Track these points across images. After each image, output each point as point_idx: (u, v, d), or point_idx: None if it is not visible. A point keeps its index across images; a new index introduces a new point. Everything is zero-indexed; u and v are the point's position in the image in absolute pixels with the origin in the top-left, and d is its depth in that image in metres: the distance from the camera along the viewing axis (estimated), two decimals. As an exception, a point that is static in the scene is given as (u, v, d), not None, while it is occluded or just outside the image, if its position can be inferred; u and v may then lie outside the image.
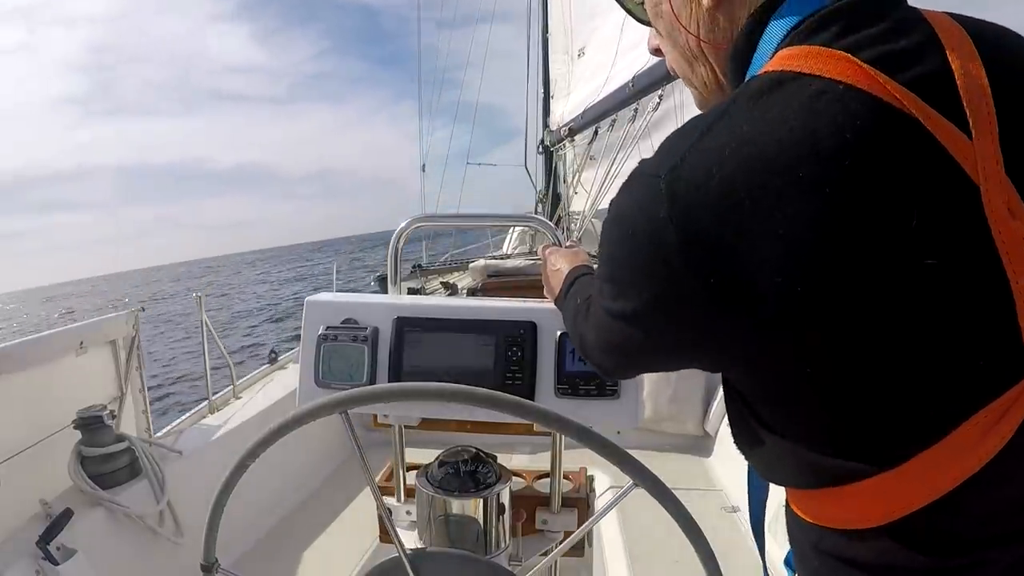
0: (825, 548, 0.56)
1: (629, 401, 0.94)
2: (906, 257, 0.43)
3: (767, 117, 0.45)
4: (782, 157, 0.43)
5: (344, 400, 0.64)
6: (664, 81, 2.66)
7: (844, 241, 0.42)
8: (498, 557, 1.00)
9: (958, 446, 0.46)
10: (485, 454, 1.05)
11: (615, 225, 0.53)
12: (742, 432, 0.60)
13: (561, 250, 0.99)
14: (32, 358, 1.79)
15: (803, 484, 0.56)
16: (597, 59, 4.00)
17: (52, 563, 1.54)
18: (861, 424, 0.49)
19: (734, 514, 2.48)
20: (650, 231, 0.48)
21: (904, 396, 0.46)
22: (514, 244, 5.78)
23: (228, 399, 2.72)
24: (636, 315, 0.54)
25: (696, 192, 0.46)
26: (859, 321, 0.44)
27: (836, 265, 0.43)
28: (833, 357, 0.46)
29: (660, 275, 0.49)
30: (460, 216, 1.62)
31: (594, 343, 0.67)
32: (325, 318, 1.00)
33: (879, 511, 0.50)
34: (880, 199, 0.42)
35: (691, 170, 0.46)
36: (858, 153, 0.42)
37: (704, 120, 0.49)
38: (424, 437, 1.47)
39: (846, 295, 0.43)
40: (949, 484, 0.47)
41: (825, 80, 0.44)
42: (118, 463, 1.88)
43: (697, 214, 0.46)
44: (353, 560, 2.18)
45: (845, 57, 0.45)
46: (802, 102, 0.44)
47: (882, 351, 0.45)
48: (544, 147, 6.04)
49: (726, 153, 0.45)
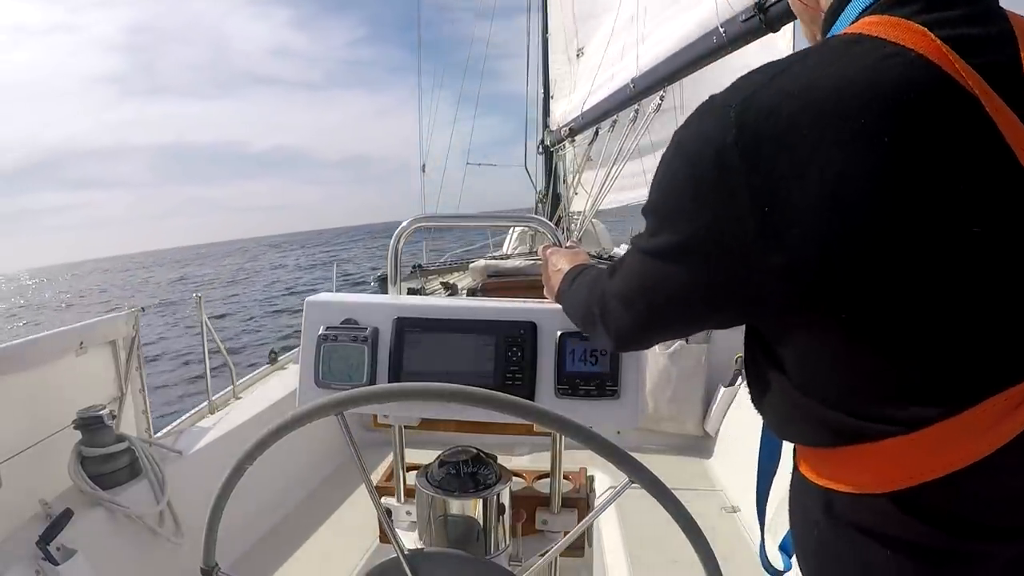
0: (833, 513, 0.57)
1: (629, 401, 0.94)
2: (951, 219, 0.45)
3: (839, 67, 0.48)
4: (848, 104, 0.46)
5: (343, 401, 0.64)
6: (665, 82, 2.65)
7: (893, 191, 0.45)
8: (498, 557, 1.00)
9: (973, 424, 0.48)
10: (485, 454, 1.05)
11: (677, 153, 0.55)
12: (760, 388, 0.62)
13: (562, 250, 0.99)
14: (32, 358, 1.79)
15: (820, 442, 0.57)
16: (596, 59, 4.00)
17: (52, 563, 1.54)
18: (887, 382, 0.50)
19: (734, 514, 2.48)
20: (715, 156, 0.50)
21: (934, 359, 0.48)
22: (514, 244, 5.78)
23: (228, 399, 2.72)
24: (679, 249, 0.55)
25: (764, 123, 0.48)
26: (899, 269, 0.46)
27: (883, 212, 0.45)
28: (869, 305, 0.48)
29: (717, 200, 0.50)
30: (460, 216, 1.62)
31: (618, 295, 0.67)
32: (325, 318, 1.00)
33: (891, 476, 0.51)
34: (931, 160, 0.45)
35: (761, 103, 0.49)
36: (917, 114, 0.45)
37: (779, 64, 0.52)
38: (424, 437, 1.47)
39: (888, 243, 0.45)
40: (960, 462, 0.48)
41: (899, 46, 0.47)
42: (118, 463, 1.88)
43: (762, 144, 0.48)
44: (353, 560, 2.18)
45: (921, 30, 0.47)
46: (874, 60, 0.47)
47: (919, 309, 0.47)
48: (544, 147, 6.04)
49: (796, 93, 0.48)
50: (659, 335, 0.71)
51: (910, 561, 0.53)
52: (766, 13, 1.71)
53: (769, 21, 1.72)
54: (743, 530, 2.35)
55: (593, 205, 4.19)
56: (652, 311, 0.63)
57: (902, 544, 0.53)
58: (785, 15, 1.68)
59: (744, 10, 1.81)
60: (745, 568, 2.09)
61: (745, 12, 1.81)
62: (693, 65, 2.33)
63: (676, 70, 2.47)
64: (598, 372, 0.93)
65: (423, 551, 0.90)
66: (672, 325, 0.66)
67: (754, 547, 2.30)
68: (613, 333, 0.70)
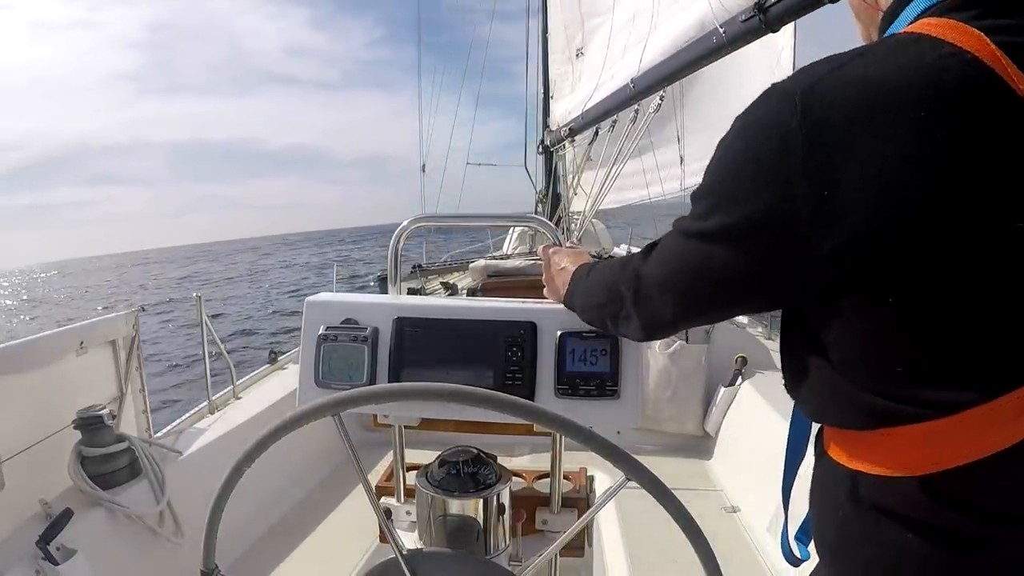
0: (858, 496, 0.59)
1: (629, 401, 0.94)
2: (997, 213, 0.48)
3: (899, 63, 0.51)
4: (905, 97, 0.49)
5: (343, 401, 0.64)
6: (664, 82, 2.65)
7: (944, 183, 0.48)
8: (498, 557, 1.00)
9: (1004, 412, 0.51)
10: (485, 454, 1.05)
11: (739, 136, 0.57)
12: (797, 373, 0.64)
13: (564, 250, 1.00)
14: (32, 358, 1.79)
15: (856, 424, 0.59)
16: (596, 59, 4.00)
17: (52, 563, 1.54)
18: (927, 365, 0.53)
19: (734, 514, 2.48)
20: (778, 138, 0.52)
21: (973, 345, 0.51)
22: (514, 244, 5.78)
23: (228, 399, 2.72)
24: (732, 230, 0.57)
25: (827, 110, 0.51)
26: (947, 257, 0.49)
27: (934, 201, 0.48)
28: (916, 290, 0.50)
29: (777, 183, 0.53)
30: (460, 216, 1.62)
31: (654, 277, 0.67)
32: (325, 318, 1.00)
33: (922, 459, 0.54)
34: (980, 156, 0.47)
35: (825, 92, 0.52)
36: (970, 112, 0.48)
37: (840, 57, 0.54)
38: (424, 437, 1.47)
39: (938, 232, 0.48)
40: (990, 448, 0.51)
41: (956, 47, 0.50)
42: (118, 463, 1.88)
43: (824, 129, 0.50)
44: (353, 560, 2.18)
45: (978, 35, 0.50)
46: (932, 58, 0.50)
47: (962, 296, 0.50)
48: (544, 147, 6.03)
49: (857, 84, 0.51)
50: (694, 319, 0.71)
51: (932, 546, 0.55)
52: (766, 13, 1.71)
53: (769, 21, 1.72)
54: (743, 530, 2.35)
55: (593, 205, 4.19)
56: (693, 294, 0.64)
57: (925, 529, 0.55)
58: (785, 15, 1.68)
59: (744, 10, 1.81)
60: (745, 568, 2.09)
61: (745, 12, 1.81)
62: (693, 65, 2.33)
63: (676, 70, 2.47)
64: (598, 372, 0.93)
65: (422, 551, 0.90)
66: (710, 309, 0.67)
67: (754, 547, 2.30)
68: (646, 317, 0.70)
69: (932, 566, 0.55)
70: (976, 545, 0.54)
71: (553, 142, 5.45)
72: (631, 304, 0.71)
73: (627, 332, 0.77)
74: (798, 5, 1.61)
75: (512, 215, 1.74)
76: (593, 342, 0.94)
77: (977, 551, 0.54)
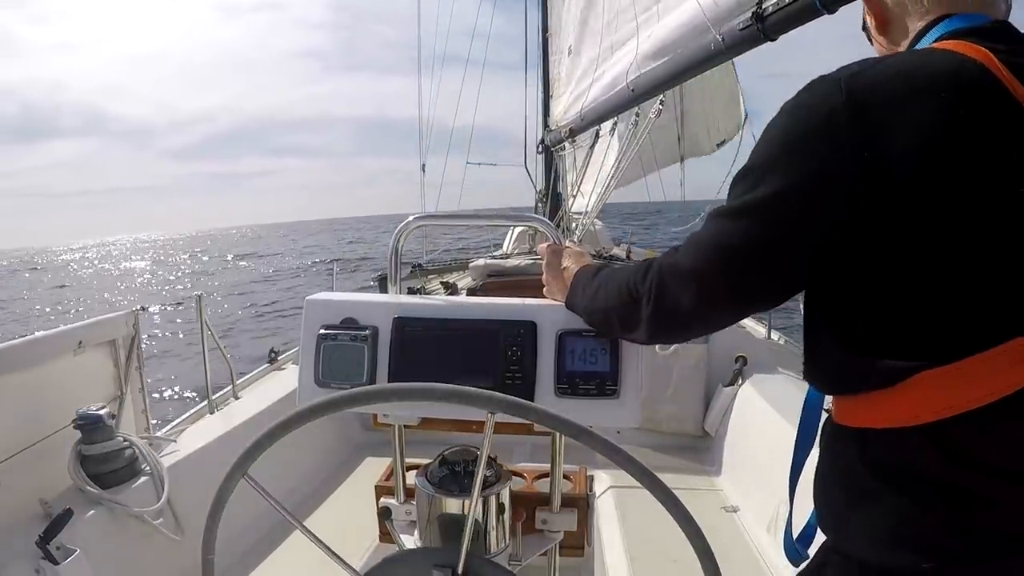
0: (867, 452, 0.64)
1: (629, 401, 0.94)
2: (1006, 179, 0.58)
3: (926, 62, 0.63)
4: (933, 82, 0.60)
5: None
6: (664, 86, 2.65)
7: (963, 152, 0.58)
8: (498, 557, 1.00)
9: (999, 361, 0.57)
10: (485, 454, 1.05)
11: (787, 114, 0.65)
12: (815, 347, 0.70)
13: (565, 249, 1.00)
14: (31, 358, 1.79)
15: (868, 387, 0.63)
16: (596, 60, 4.00)
17: (52, 563, 1.53)
18: (935, 318, 0.59)
19: (733, 514, 2.48)
20: (827, 113, 0.61)
21: (977, 297, 0.58)
22: (514, 244, 5.78)
23: (228, 399, 2.72)
24: (775, 197, 0.63)
25: (868, 92, 0.61)
26: (964, 215, 0.57)
27: (955, 166, 0.58)
28: (939, 242, 0.58)
29: (824, 149, 0.61)
30: (460, 216, 1.62)
31: (684, 263, 0.69)
32: (325, 318, 1.00)
33: (924, 406, 0.59)
34: (992, 134, 0.59)
35: (866, 78, 0.62)
36: (984, 100, 0.59)
37: (875, 58, 0.68)
38: (424, 437, 1.47)
39: (958, 193, 0.58)
40: (984, 396, 0.57)
41: (969, 57, 0.61)
42: (118, 462, 1.88)
43: (866, 106, 0.60)
44: (353, 560, 2.17)
45: (986, 52, 0.62)
46: (951, 60, 0.62)
47: (974, 249, 0.58)
48: (544, 147, 6.03)
49: (892, 74, 0.62)
50: (711, 309, 0.71)
51: (939, 503, 0.59)
52: (764, 22, 1.71)
53: (767, 30, 1.72)
54: (743, 529, 2.35)
55: (594, 206, 4.19)
56: (729, 270, 0.67)
57: (930, 483, 0.59)
58: (783, 24, 1.68)
59: (742, 20, 1.82)
60: (744, 568, 2.09)
61: (743, 21, 1.81)
62: (692, 70, 2.34)
63: (674, 75, 2.47)
64: (598, 371, 0.93)
65: (422, 550, 0.90)
66: (748, 283, 0.68)
67: (753, 546, 2.31)
68: (662, 310, 0.71)
69: (938, 523, 0.59)
70: (983, 499, 0.58)
71: (553, 142, 5.45)
72: (646, 301, 0.72)
73: (633, 334, 0.78)
74: (796, 15, 1.61)
75: (512, 215, 1.73)
76: (593, 341, 0.94)
77: (984, 507, 0.58)
